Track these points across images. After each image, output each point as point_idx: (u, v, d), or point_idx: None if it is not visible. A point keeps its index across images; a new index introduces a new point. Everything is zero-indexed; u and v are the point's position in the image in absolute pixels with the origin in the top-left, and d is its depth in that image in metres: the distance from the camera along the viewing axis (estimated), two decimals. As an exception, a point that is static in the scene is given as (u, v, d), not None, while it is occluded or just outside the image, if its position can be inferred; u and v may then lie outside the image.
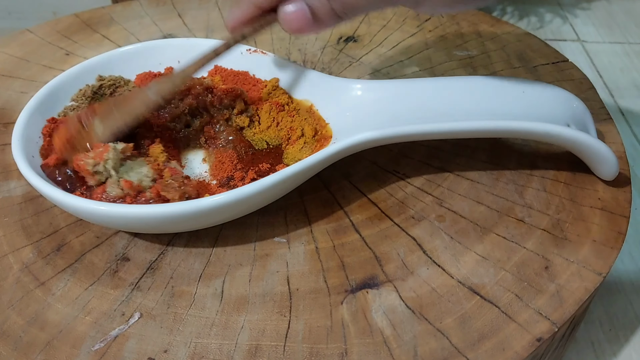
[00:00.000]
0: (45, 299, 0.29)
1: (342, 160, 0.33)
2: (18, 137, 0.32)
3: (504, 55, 0.46)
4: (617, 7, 0.79)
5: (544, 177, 0.35)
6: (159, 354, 0.26)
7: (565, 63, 0.45)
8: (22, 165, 0.30)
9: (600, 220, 0.32)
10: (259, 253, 0.31)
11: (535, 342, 0.26)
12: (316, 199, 0.34)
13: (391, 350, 0.26)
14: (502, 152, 0.37)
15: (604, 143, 0.31)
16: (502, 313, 0.27)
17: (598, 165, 0.33)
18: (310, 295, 0.29)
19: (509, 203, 0.33)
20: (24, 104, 0.35)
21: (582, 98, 0.35)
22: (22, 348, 0.27)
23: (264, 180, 0.29)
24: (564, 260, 0.30)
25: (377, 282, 0.29)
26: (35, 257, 0.31)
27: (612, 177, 0.33)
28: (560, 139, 0.32)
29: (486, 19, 0.51)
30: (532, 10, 0.78)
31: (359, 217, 0.33)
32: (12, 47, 0.48)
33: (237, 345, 0.27)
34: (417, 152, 0.37)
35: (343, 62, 0.46)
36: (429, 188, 0.34)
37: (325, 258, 0.30)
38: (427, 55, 0.46)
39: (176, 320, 0.28)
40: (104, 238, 0.32)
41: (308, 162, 0.30)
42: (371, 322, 0.27)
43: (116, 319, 0.28)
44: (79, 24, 0.51)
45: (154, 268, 0.30)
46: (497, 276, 0.29)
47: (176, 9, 0.53)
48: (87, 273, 0.30)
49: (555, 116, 0.34)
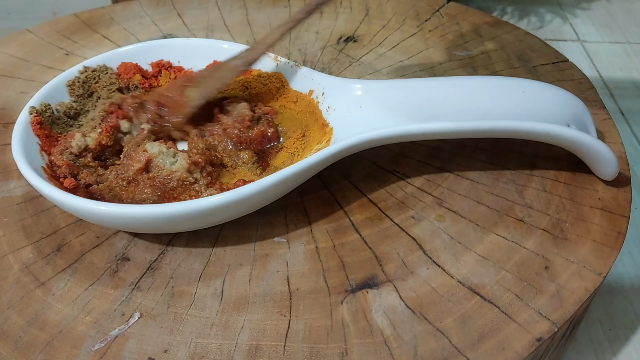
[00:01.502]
0: (45, 299, 0.29)
1: (342, 160, 0.33)
2: (18, 137, 0.32)
3: (504, 55, 0.46)
4: (617, 7, 0.79)
5: (544, 177, 0.35)
6: (159, 354, 0.26)
7: (565, 63, 0.45)
8: (22, 165, 0.30)
9: (600, 220, 0.32)
10: (259, 253, 0.31)
11: (535, 342, 0.26)
12: (316, 199, 0.34)
13: (391, 350, 0.26)
14: (502, 152, 0.37)
15: (604, 143, 0.31)
16: (502, 313, 0.27)
17: (598, 165, 0.33)
18: (310, 295, 0.29)
19: (509, 203, 0.33)
20: (24, 104, 0.35)
21: (582, 98, 0.35)
22: (22, 348, 0.27)
23: (264, 180, 0.29)
24: (564, 260, 0.30)
25: (377, 282, 0.29)
26: (35, 257, 0.31)
27: (612, 177, 0.33)
28: (560, 139, 0.32)
29: (486, 19, 0.51)
30: (532, 10, 0.78)
31: (359, 217, 0.33)
32: (12, 47, 0.48)
33: (237, 345, 0.27)
34: (417, 152, 0.37)
35: (343, 62, 0.46)
36: (429, 188, 0.34)
37: (325, 258, 0.30)
38: (427, 55, 0.46)
39: (176, 320, 0.28)
40: (104, 238, 0.32)
41: (308, 162, 0.30)
42: (371, 322, 0.27)
43: (116, 319, 0.28)
44: (79, 24, 0.51)
45: (154, 268, 0.30)
46: (497, 276, 0.29)
47: (176, 9, 0.53)
48: (87, 273, 0.30)
49: (555, 116, 0.34)
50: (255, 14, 0.53)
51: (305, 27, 0.50)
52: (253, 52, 0.36)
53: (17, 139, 0.32)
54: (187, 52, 0.41)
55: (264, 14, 0.53)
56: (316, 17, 0.52)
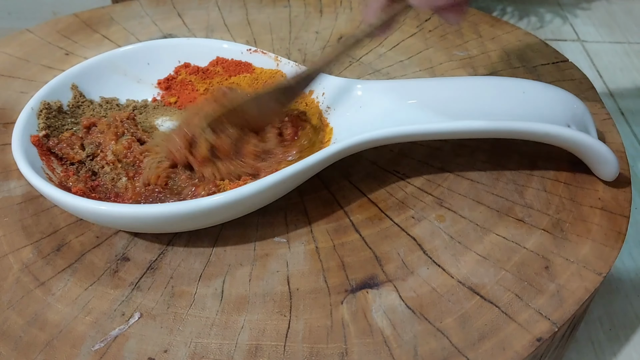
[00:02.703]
0: (45, 299, 0.29)
1: (342, 160, 0.33)
2: (18, 137, 0.32)
3: (504, 55, 0.46)
4: (617, 7, 0.79)
5: (544, 177, 0.35)
6: (159, 354, 0.26)
7: (565, 63, 0.45)
8: (22, 165, 0.30)
9: (600, 220, 0.32)
10: (259, 253, 0.31)
11: (535, 341, 0.26)
12: (316, 199, 0.34)
13: (391, 350, 0.26)
14: (502, 152, 0.37)
15: (604, 143, 0.31)
16: (502, 313, 0.27)
17: (598, 165, 0.33)
18: (310, 295, 0.29)
19: (509, 203, 0.33)
20: (24, 104, 0.35)
21: (582, 98, 0.35)
22: (22, 348, 0.27)
23: (264, 180, 0.29)
24: (564, 260, 0.30)
25: (377, 282, 0.29)
26: (35, 257, 0.31)
27: (613, 177, 0.33)
28: (560, 140, 0.32)
29: (486, 19, 0.51)
30: (532, 10, 0.78)
31: (359, 217, 0.33)
32: (12, 47, 0.48)
33: (237, 345, 0.27)
34: (417, 152, 0.37)
35: (343, 62, 0.46)
36: (429, 188, 0.34)
37: (325, 258, 0.30)
38: (427, 55, 0.46)
39: (176, 320, 0.28)
40: (104, 238, 0.32)
41: (308, 162, 0.30)
42: (371, 322, 0.27)
43: (116, 319, 0.28)
44: (79, 24, 0.51)
45: (154, 268, 0.30)
46: (497, 276, 0.29)
47: (176, 9, 0.53)
48: (87, 273, 0.30)
49: (556, 116, 0.34)
50: (255, 14, 0.53)
51: (305, 27, 0.50)
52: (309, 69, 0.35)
53: (17, 138, 0.32)
54: (187, 52, 0.41)
55: (264, 14, 0.53)
56: (316, 17, 0.52)
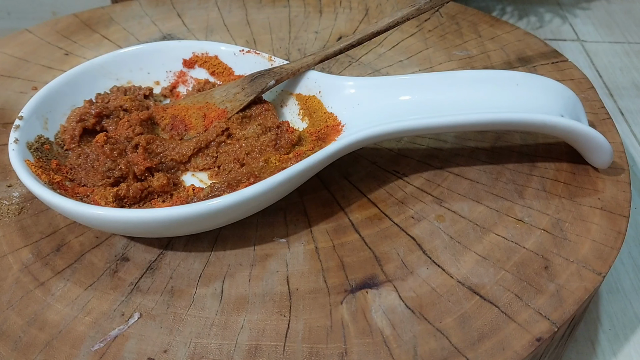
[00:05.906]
0: (44, 299, 0.29)
1: (342, 160, 0.33)
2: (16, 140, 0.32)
3: (504, 55, 0.46)
4: (616, 7, 0.79)
5: (544, 177, 0.35)
6: (158, 354, 0.26)
7: (565, 63, 0.45)
8: (19, 167, 0.30)
9: (600, 220, 0.32)
10: (258, 253, 0.31)
11: (535, 341, 0.26)
12: (316, 199, 0.34)
13: (391, 350, 0.26)
14: (501, 152, 0.37)
15: (597, 131, 0.32)
16: (502, 313, 0.27)
17: (592, 154, 0.33)
18: (310, 295, 0.29)
19: (508, 203, 0.33)
20: (24, 104, 0.35)
21: (581, 98, 0.35)
22: (22, 348, 0.27)
23: (264, 182, 0.29)
24: (564, 260, 0.30)
25: (377, 282, 0.29)
26: (34, 258, 0.31)
27: (607, 165, 0.33)
28: (556, 129, 0.32)
29: (486, 19, 0.51)
30: (532, 10, 0.78)
31: (358, 217, 0.33)
32: (12, 47, 0.48)
33: (236, 345, 0.27)
34: (417, 152, 0.37)
35: (343, 62, 0.46)
36: (429, 188, 0.34)
37: (325, 258, 0.30)
38: (426, 55, 0.46)
39: (176, 320, 0.28)
40: (103, 238, 0.32)
41: (308, 162, 0.30)
42: (371, 322, 0.27)
43: (116, 319, 0.28)
44: (79, 24, 0.51)
45: (154, 268, 0.30)
46: (496, 276, 0.29)
47: (176, 9, 0.53)
48: (87, 273, 0.30)
49: (549, 107, 0.34)
50: (255, 14, 0.53)
51: (305, 27, 0.50)
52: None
53: (14, 141, 0.32)
54: (188, 54, 0.40)
55: (263, 14, 0.52)
56: (316, 17, 0.52)
